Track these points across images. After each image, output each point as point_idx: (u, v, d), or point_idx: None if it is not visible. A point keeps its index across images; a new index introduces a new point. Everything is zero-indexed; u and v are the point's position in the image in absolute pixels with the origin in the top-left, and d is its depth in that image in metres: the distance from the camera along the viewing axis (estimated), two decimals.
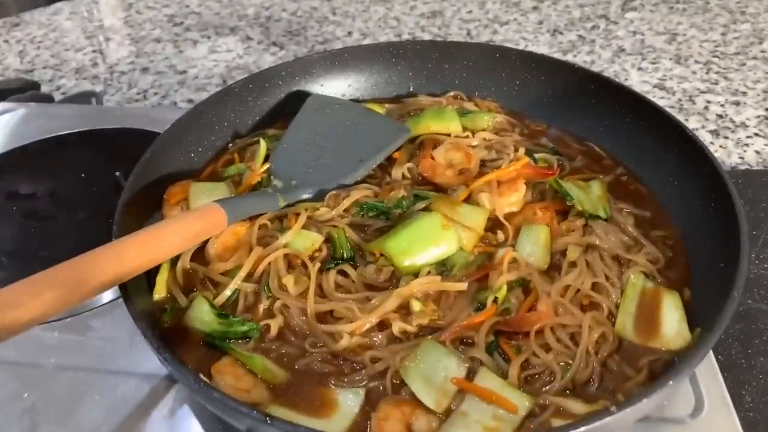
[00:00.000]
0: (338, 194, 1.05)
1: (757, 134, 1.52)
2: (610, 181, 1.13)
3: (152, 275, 0.94)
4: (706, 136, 1.52)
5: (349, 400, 0.81)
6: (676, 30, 1.96)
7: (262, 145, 1.14)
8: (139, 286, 0.91)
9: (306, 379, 0.84)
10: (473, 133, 1.18)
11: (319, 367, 0.85)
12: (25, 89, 1.67)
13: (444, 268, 0.95)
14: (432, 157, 1.12)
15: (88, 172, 1.33)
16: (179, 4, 2.21)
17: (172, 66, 1.86)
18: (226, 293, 0.93)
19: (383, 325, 0.89)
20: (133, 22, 2.12)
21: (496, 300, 0.89)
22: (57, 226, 1.23)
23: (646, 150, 1.14)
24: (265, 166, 1.11)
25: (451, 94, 1.32)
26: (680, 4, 2.10)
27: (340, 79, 1.34)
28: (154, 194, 1.07)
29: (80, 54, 1.94)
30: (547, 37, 1.96)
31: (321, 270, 0.94)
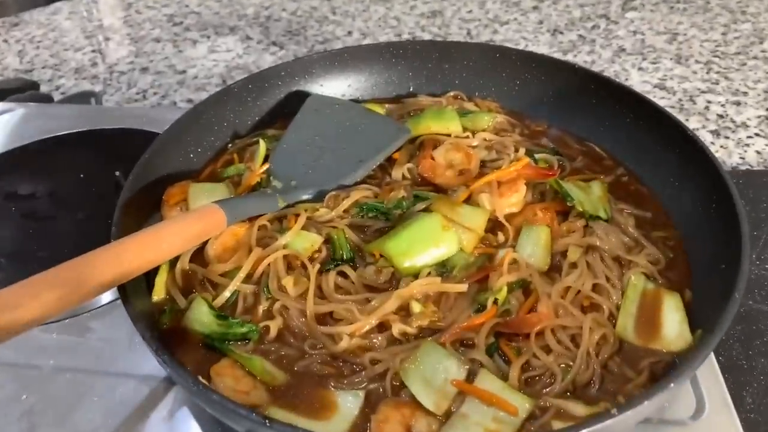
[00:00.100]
0: (338, 195, 1.05)
1: (757, 134, 1.52)
2: (611, 182, 1.12)
3: (151, 276, 0.94)
4: (707, 136, 1.51)
5: (348, 402, 0.81)
6: (677, 30, 1.96)
7: (262, 146, 1.14)
8: (137, 288, 0.91)
9: (305, 381, 0.84)
10: (473, 133, 1.18)
11: (319, 369, 0.85)
12: (25, 89, 1.67)
13: (444, 270, 0.94)
14: (432, 158, 1.12)
15: (87, 172, 1.33)
16: (179, 3, 2.21)
17: (172, 66, 1.86)
18: (226, 294, 0.92)
19: (383, 326, 0.88)
20: (132, 22, 2.11)
21: (496, 301, 0.88)
22: (56, 227, 1.22)
23: (646, 150, 1.14)
24: (265, 167, 1.11)
25: (451, 94, 1.32)
26: (681, 3, 2.10)
27: (340, 79, 1.34)
28: (153, 195, 1.06)
29: (79, 54, 1.94)
30: (547, 37, 1.95)
31: (320, 271, 0.94)
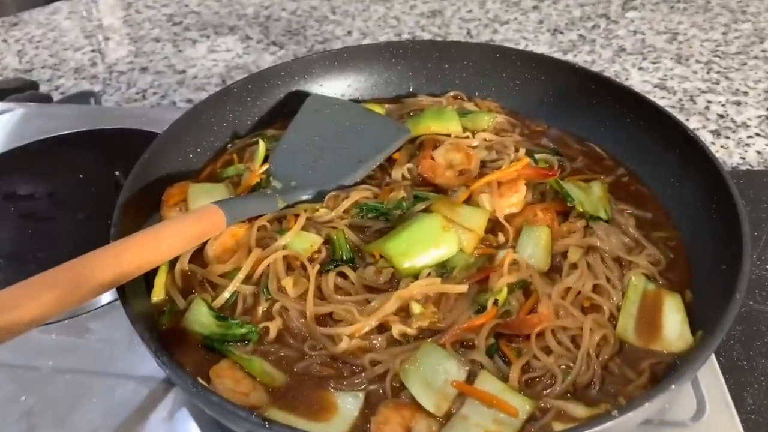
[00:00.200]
0: (338, 195, 1.05)
1: (758, 134, 1.51)
2: (611, 182, 1.12)
3: (150, 277, 0.94)
4: (707, 136, 1.51)
5: (348, 404, 0.81)
6: (677, 29, 1.96)
7: (261, 146, 1.13)
8: (137, 288, 0.90)
9: (305, 382, 0.84)
10: (473, 133, 1.18)
11: (319, 370, 0.85)
12: (24, 89, 1.66)
13: (444, 270, 0.94)
14: (432, 158, 1.12)
15: (86, 172, 1.32)
16: (178, 3, 2.21)
17: (171, 66, 1.85)
18: (225, 295, 0.92)
19: (383, 327, 0.88)
20: (132, 22, 2.11)
21: (496, 302, 0.88)
22: (55, 227, 1.22)
23: (647, 150, 1.13)
24: (264, 167, 1.10)
25: (451, 94, 1.31)
26: (681, 3, 2.10)
27: (340, 79, 1.34)
28: (152, 195, 1.06)
29: (79, 53, 1.94)
30: (547, 37, 1.95)
31: (320, 272, 0.94)
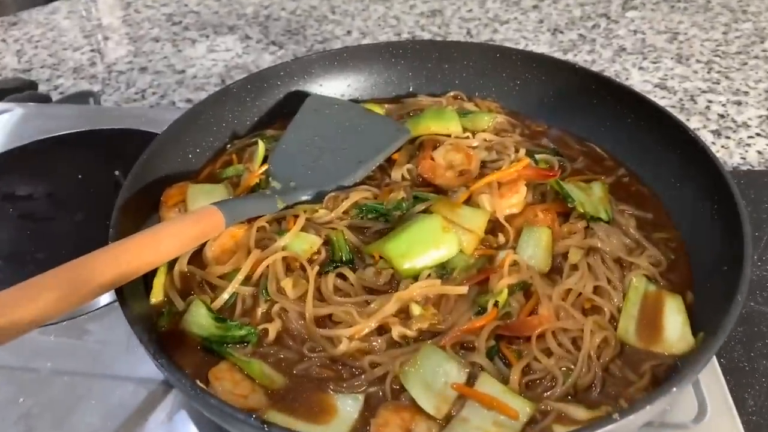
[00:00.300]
0: (337, 196, 1.04)
1: (759, 134, 1.51)
2: (612, 183, 1.12)
3: (149, 278, 0.93)
4: (708, 136, 1.51)
5: (348, 406, 0.80)
6: (677, 29, 1.95)
7: (261, 146, 1.13)
8: (135, 290, 0.90)
9: (304, 385, 0.83)
10: (473, 133, 1.17)
11: (318, 372, 0.84)
12: (23, 89, 1.66)
13: (444, 271, 0.94)
14: (432, 158, 1.11)
15: (85, 173, 1.32)
16: (178, 3, 2.20)
17: (171, 65, 1.85)
18: (224, 297, 0.92)
19: (383, 329, 0.88)
20: (131, 21, 2.10)
21: (496, 304, 0.88)
22: (54, 228, 1.22)
23: (647, 151, 1.13)
24: (264, 168, 1.10)
25: (451, 94, 1.31)
26: (681, 2, 2.09)
27: (340, 79, 1.33)
28: (151, 196, 1.06)
29: (78, 53, 1.93)
30: (547, 36, 1.95)
31: (320, 273, 0.93)
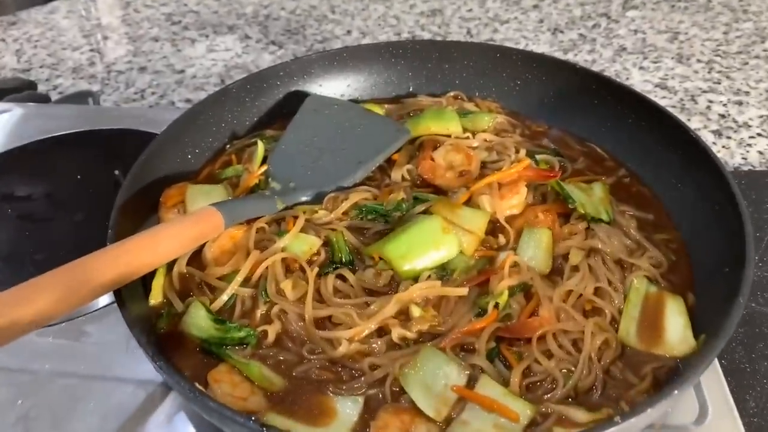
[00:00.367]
0: (337, 197, 1.04)
1: (760, 134, 1.51)
2: (613, 183, 1.11)
3: (148, 280, 0.93)
4: (709, 137, 1.50)
5: (347, 408, 0.80)
6: (678, 29, 1.95)
7: (260, 147, 1.13)
8: (134, 291, 0.90)
9: (304, 387, 0.83)
10: (474, 134, 1.17)
11: (317, 374, 0.84)
12: (22, 89, 1.65)
13: (444, 273, 0.93)
14: (432, 159, 1.11)
15: (84, 173, 1.32)
16: (177, 2, 2.20)
17: (170, 65, 1.84)
18: (223, 298, 0.91)
19: (382, 331, 0.87)
20: (130, 21, 2.10)
21: (497, 305, 0.87)
22: (53, 229, 1.21)
23: (648, 151, 1.13)
24: (263, 168, 1.10)
25: (451, 94, 1.31)
26: (682, 2, 2.09)
27: (339, 79, 1.33)
28: (150, 197, 1.05)
29: (77, 53, 1.93)
30: (547, 36, 1.94)
31: (319, 274, 0.93)
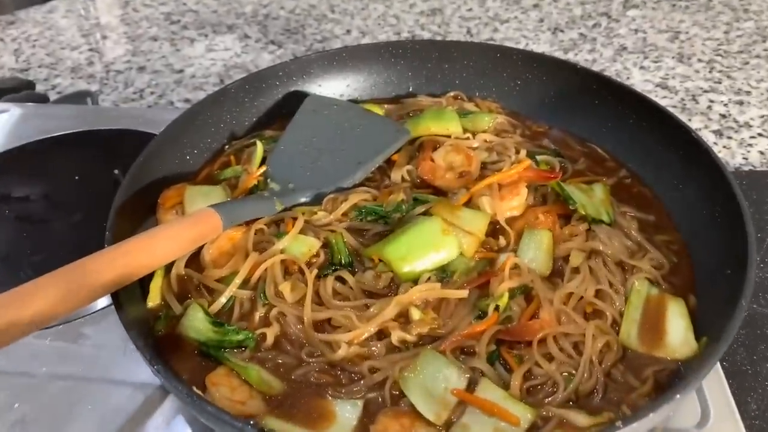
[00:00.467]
0: (336, 198, 1.03)
1: (761, 134, 1.50)
2: (613, 184, 1.11)
3: (146, 282, 0.92)
4: (710, 137, 1.50)
5: (347, 412, 0.79)
6: (679, 28, 1.94)
7: (259, 147, 1.12)
8: (132, 293, 0.89)
9: (303, 390, 0.82)
10: (474, 134, 1.17)
11: (317, 378, 0.83)
12: (20, 89, 1.65)
13: (444, 275, 0.92)
14: (432, 160, 1.10)
15: (83, 173, 1.31)
16: (176, 1, 2.19)
17: (169, 65, 1.84)
18: (222, 300, 0.91)
19: (382, 333, 0.87)
20: (129, 20, 2.09)
21: (497, 308, 0.87)
22: (51, 230, 1.21)
23: (649, 151, 1.12)
24: (262, 169, 1.09)
25: (451, 94, 1.30)
26: (682, 1, 2.08)
27: (339, 79, 1.32)
28: (148, 198, 1.05)
29: (76, 52, 1.92)
30: (548, 36, 1.94)
31: (318, 276, 0.92)
